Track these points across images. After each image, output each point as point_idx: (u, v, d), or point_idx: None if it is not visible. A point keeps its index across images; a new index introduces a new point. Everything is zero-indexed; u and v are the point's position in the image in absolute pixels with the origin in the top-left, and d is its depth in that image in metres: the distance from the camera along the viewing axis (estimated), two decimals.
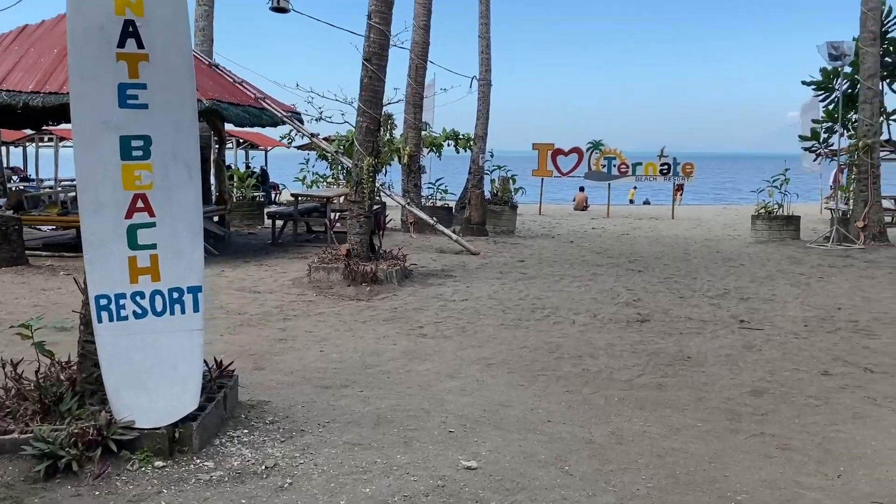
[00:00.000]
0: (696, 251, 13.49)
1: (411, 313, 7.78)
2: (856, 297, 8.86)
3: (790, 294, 9.06)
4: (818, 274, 10.61)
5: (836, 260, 12.11)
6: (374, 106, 9.24)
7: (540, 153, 24.29)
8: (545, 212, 25.09)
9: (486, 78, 18.96)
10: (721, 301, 8.62)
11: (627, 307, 8.24)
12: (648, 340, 6.79)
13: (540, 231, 17.60)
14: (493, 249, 13.01)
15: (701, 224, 21.03)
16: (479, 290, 9.11)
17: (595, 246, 14.20)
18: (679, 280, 10.05)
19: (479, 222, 14.76)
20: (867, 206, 13.80)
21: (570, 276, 10.21)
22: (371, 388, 5.36)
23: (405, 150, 14.47)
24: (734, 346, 6.62)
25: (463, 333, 6.99)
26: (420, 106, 14.68)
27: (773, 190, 15.43)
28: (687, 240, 15.88)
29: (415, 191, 14.69)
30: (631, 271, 10.82)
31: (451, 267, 10.82)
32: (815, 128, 17.29)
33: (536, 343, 6.66)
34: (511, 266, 11.12)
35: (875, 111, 13.94)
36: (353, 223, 9.39)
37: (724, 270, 10.94)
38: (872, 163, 13.80)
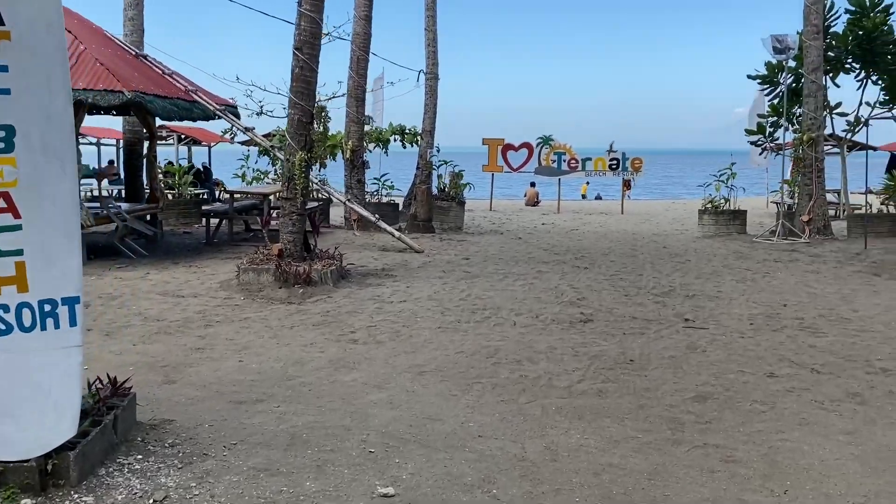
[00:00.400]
0: (644, 247, 13.32)
1: (344, 317, 7.34)
2: (801, 293, 8.72)
3: (736, 290, 8.88)
4: (764, 269, 10.49)
5: (782, 254, 12.06)
6: (306, 97, 8.75)
7: (490, 148, 24.01)
8: (496, 207, 24.85)
9: (433, 71, 18.57)
10: (666, 299, 8.39)
11: (571, 306, 7.94)
12: (591, 342, 6.49)
13: (489, 227, 17.29)
14: (439, 247, 12.63)
15: (650, 219, 21.01)
16: (418, 290, 8.71)
17: (543, 242, 13.94)
18: (625, 277, 9.81)
19: (425, 219, 14.36)
20: (812, 200, 13.82)
21: (514, 275, 9.88)
22: (289, 402, 4.92)
23: (347, 145, 13.98)
24: (678, 346, 6.36)
25: (397, 338, 6.58)
26: (362, 99, 14.19)
27: (719, 184, 15.39)
28: (635, 235, 15.75)
29: (358, 187, 14.21)
30: (577, 268, 10.55)
31: (392, 266, 10.40)
32: (760, 122, 17.34)
33: (474, 347, 6.29)
34: (455, 264, 10.75)
35: (819, 105, 13.95)
36: (286, 221, 8.90)
37: (670, 266, 10.75)
38: (817, 156, 13.82)
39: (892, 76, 16.16)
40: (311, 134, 8.82)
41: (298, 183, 8.71)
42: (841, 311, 7.70)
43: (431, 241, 13.23)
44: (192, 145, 27.73)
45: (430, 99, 18.62)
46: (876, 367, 5.77)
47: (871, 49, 15.56)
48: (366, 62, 14.01)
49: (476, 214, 21.79)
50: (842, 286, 9.11)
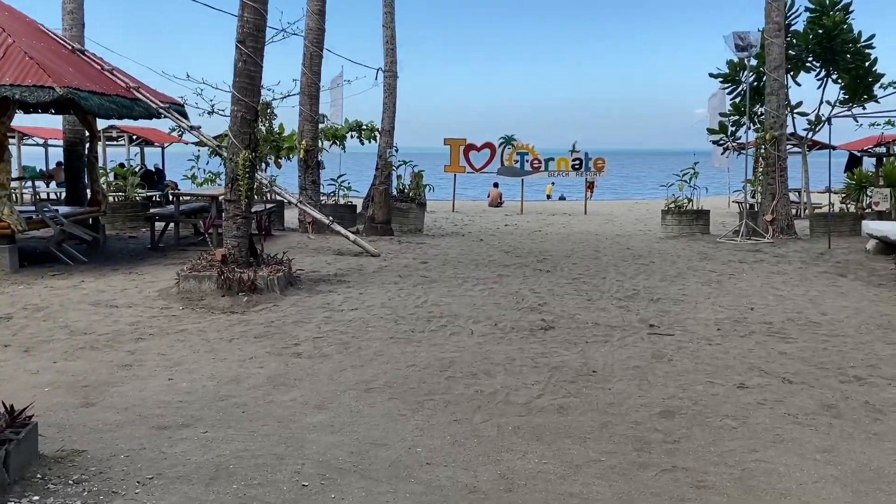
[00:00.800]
0: (607, 248, 13.04)
1: (289, 327, 6.85)
2: (768, 295, 8.47)
3: (701, 294, 8.59)
4: (729, 271, 10.25)
5: (747, 255, 11.86)
6: (250, 93, 8.24)
7: (452, 149, 23.62)
8: (459, 209, 24.50)
9: (391, 69, 18.05)
10: (630, 303, 8.06)
11: (532, 313, 7.56)
12: (552, 352, 6.10)
13: (450, 229, 16.90)
14: (397, 250, 12.17)
15: (613, 220, 20.81)
16: (372, 297, 8.25)
17: (505, 244, 13.57)
18: (588, 280, 9.48)
19: (383, 221, 13.89)
20: (775, 200, 13.67)
21: (474, 279, 9.48)
22: (218, 426, 4.44)
23: (301, 145, 13.45)
24: (643, 355, 6.00)
25: (345, 350, 6.12)
26: (316, 97, 13.67)
27: (682, 184, 15.20)
28: (598, 236, 15.48)
29: (313, 188, 13.68)
30: (539, 272, 10.19)
31: (346, 271, 9.92)
32: (722, 121, 17.22)
33: (427, 360, 5.86)
34: (412, 268, 10.31)
35: (781, 103, 13.82)
36: (230, 225, 8.37)
37: (633, 269, 10.45)
38: (780, 155, 13.68)
39: (851, 75, 16.17)
40: (256, 132, 8.30)
41: (242, 184, 8.18)
42: (809, 315, 7.44)
43: (389, 245, 12.78)
44: (145, 146, 26.83)
45: (388, 98, 18.09)
46: (849, 376, 5.48)
47: (831, 47, 15.54)
48: (319, 58, 13.50)
49: (438, 216, 21.40)
50: (809, 288, 8.88)
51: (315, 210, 11.95)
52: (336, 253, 11.52)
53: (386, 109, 18.31)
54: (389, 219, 14.09)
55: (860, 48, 16.27)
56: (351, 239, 11.26)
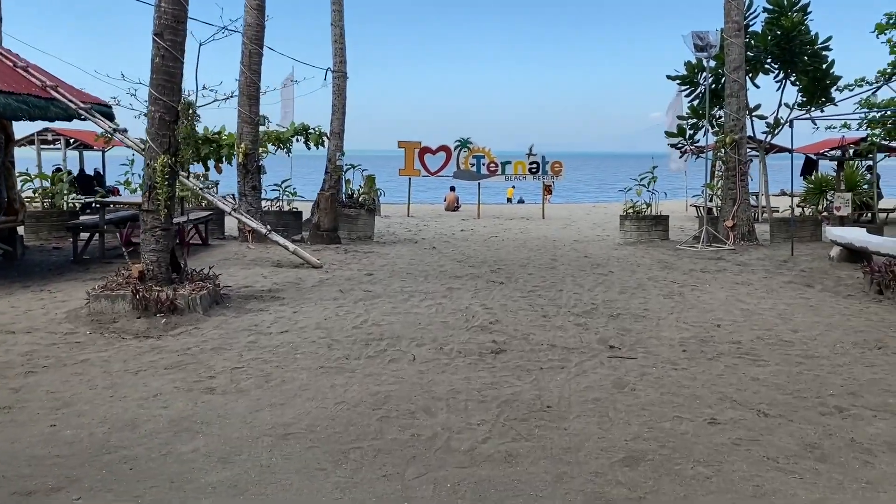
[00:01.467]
0: (564, 256, 12.46)
1: (207, 355, 6.06)
2: (734, 309, 7.93)
3: (664, 308, 8.03)
4: (691, 281, 9.72)
5: (708, 263, 11.38)
6: (169, 91, 7.41)
7: (406, 152, 22.92)
8: (414, 213, 23.82)
9: (340, 69, 17.32)
10: (588, 320, 7.44)
11: (482, 332, 6.88)
12: (502, 381, 5.43)
13: (403, 235, 16.18)
14: (342, 260, 11.41)
15: (570, 224, 20.34)
16: (306, 316, 7.49)
17: (458, 252, 12.90)
18: (543, 293, 8.85)
19: (329, 229, 13.11)
20: (736, 205, 13.26)
21: (421, 293, 8.77)
22: (97, 490, 3.66)
23: (240, 148, 12.59)
24: (603, 384, 5.37)
25: (265, 384, 5.36)
26: (256, 98, 12.82)
27: (640, 189, 14.73)
28: (555, 242, 14.93)
29: (253, 194, 12.83)
30: (492, 283, 9.53)
31: (282, 286, 9.13)
32: (680, 124, 16.83)
33: (360, 395, 5.14)
34: (356, 281, 9.56)
35: (742, 105, 13.43)
36: (147, 238, 7.53)
37: (592, 279, 9.86)
38: (740, 159, 13.28)
39: (809, 77, 15.91)
40: (177, 135, 7.48)
41: (161, 192, 7.35)
42: (780, 332, 6.90)
43: (335, 254, 12.00)
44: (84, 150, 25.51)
45: (338, 99, 17.37)
46: (830, 406, 4.92)
47: (790, 48, 15.25)
48: (259, 56, 12.67)
49: (392, 221, 20.69)
50: (776, 301, 8.39)
51: (251, 218, 11.11)
52: (275, 264, 10.70)
53: (335, 111, 17.56)
54: (336, 226, 13.31)
55: (818, 50, 16.06)
56: (290, 249, 10.46)
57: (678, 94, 19.00)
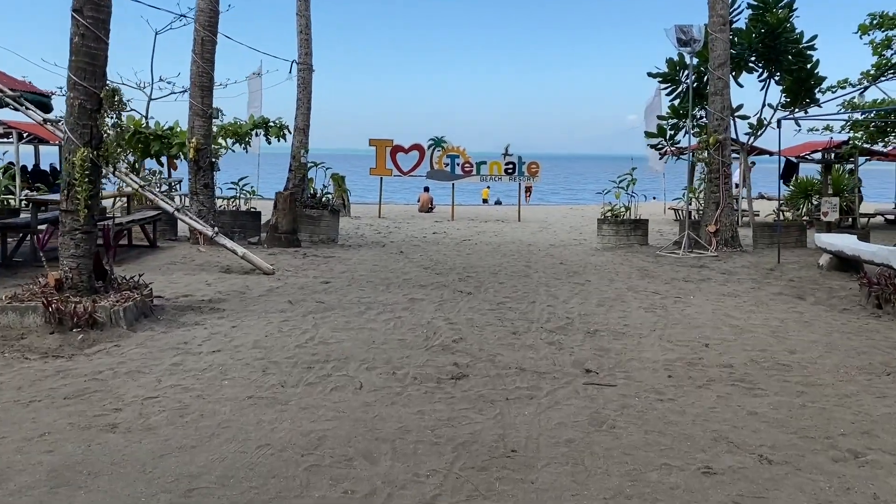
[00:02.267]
0: (539, 262, 11.70)
1: (120, 380, 5.20)
2: (722, 325, 7.21)
3: (646, 323, 7.28)
4: (674, 292, 9.00)
5: (691, 272, 10.68)
6: (91, 76, 6.53)
7: (378, 150, 22.03)
8: (386, 214, 22.98)
9: (306, 62, 16.47)
10: (563, 337, 6.67)
11: (443, 353, 6.09)
12: (460, 416, 4.63)
13: (372, 238, 15.34)
14: (298, 266, 10.54)
15: (547, 227, 19.63)
16: (246, 331, 6.64)
17: (427, 257, 12.09)
18: (514, 305, 8.07)
19: (288, 230, 12.23)
20: (719, 209, 12.60)
21: (380, 305, 7.95)
22: None
23: (191, 143, 11.68)
24: (579, 421, 4.60)
25: (180, 419, 4.51)
26: (209, 88, 11.91)
27: (619, 191, 14.04)
28: (530, 247, 14.18)
29: (205, 192, 11.91)
30: (459, 293, 8.73)
31: (226, 295, 8.26)
32: (661, 124, 16.17)
33: (290, 434, 4.31)
34: (309, 290, 8.70)
35: (726, 104, 12.76)
36: (66, 241, 6.64)
37: (567, 289, 9.10)
38: (724, 161, 12.62)
39: (793, 77, 15.33)
40: (100, 124, 6.59)
41: (81, 190, 6.46)
42: (775, 353, 6.18)
43: (292, 259, 11.13)
44: (39, 143, 24.33)
45: (303, 93, 16.51)
46: (842, 450, 4.19)
47: (775, 46, 14.65)
48: (212, 44, 11.76)
49: (362, 222, 19.85)
50: (767, 315, 7.68)
51: (196, 219, 10.20)
52: (224, 270, 9.82)
53: (300, 106, 16.68)
54: (296, 228, 12.44)
55: (802, 49, 15.48)
56: (239, 254, 9.58)
57: (657, 94, 18.38)
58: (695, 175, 18.56)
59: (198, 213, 11.82)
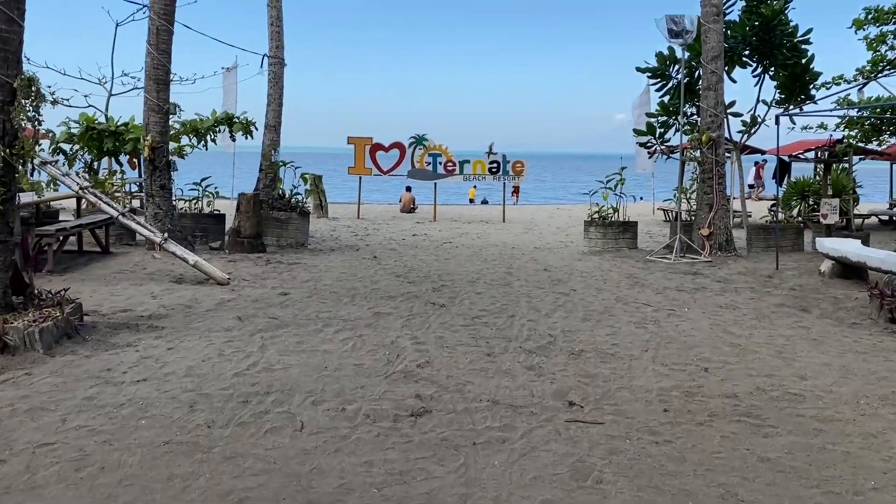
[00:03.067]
0: (521, 268, 10.92)
1: (16, 421, 4.36)
2: (722, 344, 6.45)
3: (637, 342, 6.52)
4: (667, 304, 8.24)
5: (685, 279, 9.92)
6: (2, 63, 5.68)
7: (356, 148, 21.18)
8: (366, 214, 22.19)
9: (277, 55, 15.62)
10: (544, 359, 5.89)
11: (405, 381, 5.30)
12: (416, 469, 3.85)
13: (347, 241, 14.53)
14: (258, 274, 9.70)
15: (532, 228, 18.88)
16: (182, 355, 5.81)
17: (401, 263, 11.29)
18: (491, 320, 7.28)
19: (251, 235, 11.38)
20: (713, 211, 11.86)
21: (341, 321, 7.14)
22: None
23: (146, 141, 10.82)
24: (559, 474, 3.82)
25: (75, 473, 3.70)
26: (165, 82, 11.02)
27: (607, 192, 13.28)
28: (514, 250, 13.41)
29: (161, 194, 11.03)
30: (431, 306, 7.94)
31: (171, 309, 7.42)
32: (650, 122, 15.44)
33: (204, 496, 3.51)
34: (264, 303, 7.88)
35: (720, 99, 12.02)
36: None
37: (551, 301, 8.33)
38: (718, 160, 11.88)
39: (788, 72, 14.64)
40: (14, 118, 5.74)
41: None
42: (784, 380, 5.43)
43: (253, 266, 10.28)
44: None
45: (274, 88, 15.66)
46: None
47: (769, 40, 13.95)
48: (169, 34, 10.89)
49: (340, 224, 19.04)
50: (771, 331, 6.93)
51: (143, 224, 9.32)
52: (175, 279, 8.97)
53: (271, 102, 15.82)
54: (260, 232, 11.60)
55: (797, 43, 14.79)
56: (190, 262, 8.73)
57: (646, 90, 17.67)
58: (685, 175, 17.89)
59: (154, 217, 10.97)
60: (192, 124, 13.44)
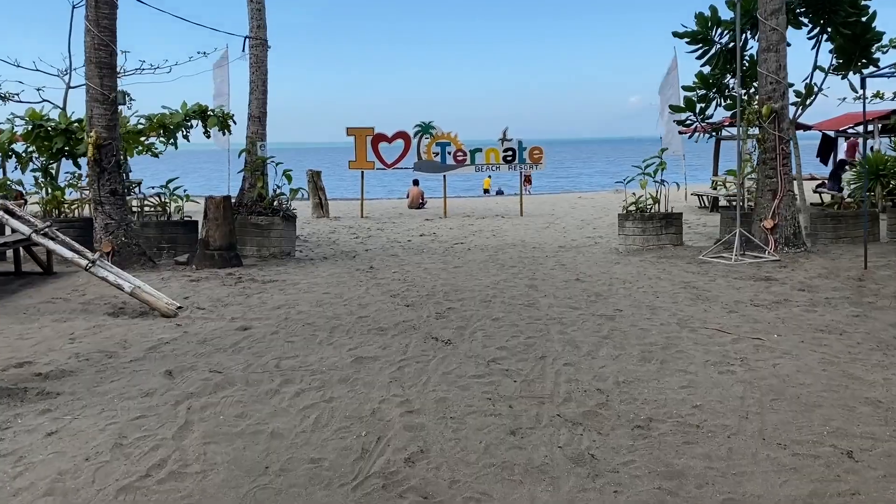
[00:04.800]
0: (547, 277, 8.95)
1: None
2: (853, 400, 4.42)
3: (727, 399, 4.53)
4: (748, 328, 6.23)
5: (757, 288, 7.89)
6: None
7: (357, 140, 19.24)
8: (371, 212, 20.36)
9: (258, 36, 13.76)
10: (596, 442, 3.94)
11: (384, 495, 3.38)
12: None
13: (345, 245, 12.67)
14: (220, 298, 7.79)
15: (554, 222, 16.88)
16: (61, 448, 3.92)
17: (401, 276, 9.36)
18: (514, 365, 5.32)
19: (222, 246, 9.49)
20: (776, 198, 9.80)
21: (307, 373, 5.21)
22: None
23: (90, 137, 8.97)
24: None
25: None
26: (110, 66, 9.11)
27: (644, 179, 11.27)
28: (535, 251, 11.46)
29: (112, 201, 9.16)
30: (433, 342, 6.00)
31: (84, 359, 5.53)
32: (689, 96, 13.37)
33: None
34: (213, 346, 5.96)
35: (782, 62, 9.92)
36: None
37: (591, 328, 6.35)
38: (782, 136, 9.82)
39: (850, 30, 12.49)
40: None
41: None
42: None
43: (219, 286, 8.38)
44: None
45: (256, 73, 13.81)
46: None
47: None
48: (110, 7, 8.98)
49: (341, 224, 17.22)
50: None
51: (68, 243, 7.45)
52: (113, 311, 7.08)
53: (254, 89, 13.93)
54: (234, 242, 9.70)
55: None
56: (126, 290, 6.85)
57: (674, 64, 15.60)
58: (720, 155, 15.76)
59: (104, 229, 9.13)
60: (159, 119, 11.56)
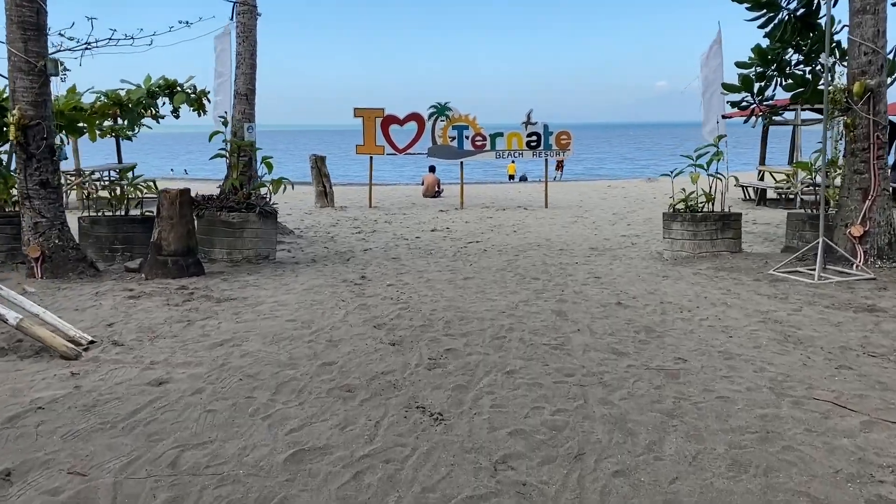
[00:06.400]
0: (580, 299, 7.05)
1: None
2: None
3: None
4: (877, 399, 4.29)
5: (863, 324, 5.91)
6: None
7: (366, 122, 17.39)
8: (381, 201, 18.63)
9: (247, 2, 11.97)
10: None
11: None
12: None
13: (342, 242, 10.93)
14: (155, 325, 6.00)
15: (583, 215, 14.98)
16: None
17: (396, 290, 7.54)
18: (534, 470, 3.45)
19: (178, 251, 7.71)
20: (869, 199, 7.81)
21: (211, 481, 3.41)
22: None
23: (13, 116, 7.24)
24: None
25: None
26: (37, 28, 7.28)
27: (697, 173, 9.33)
28: (563, 255, 9.61)
29: (42, 195, 7.42)
30: (417, 414, 4.17)
31: None
32: (745, 74, 11.34)
33: None
34: (103, 418, 4.17)
35: (881, 27, 7.89)
36: None
37: (649, 397, 4.43)
38: (877, 121, 7.82)
39: None
40: None
41: None
42: None
43: (161, 306, 6.59)
44: None
45: (244, 44, 12.07)
46: None
47: None
48: None
49: (346, 215, 15.50)
50: None
51: None
52: (12, 342, 5.35)
53: (241, 63, 12.15)
54: (192, 246, 7.90)
55: None
56: (11, 323, 5.07)
57: (718, 38, 13.57)
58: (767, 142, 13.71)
59: (33, 229, 7.43)
60: (114, 96, 9.78)
